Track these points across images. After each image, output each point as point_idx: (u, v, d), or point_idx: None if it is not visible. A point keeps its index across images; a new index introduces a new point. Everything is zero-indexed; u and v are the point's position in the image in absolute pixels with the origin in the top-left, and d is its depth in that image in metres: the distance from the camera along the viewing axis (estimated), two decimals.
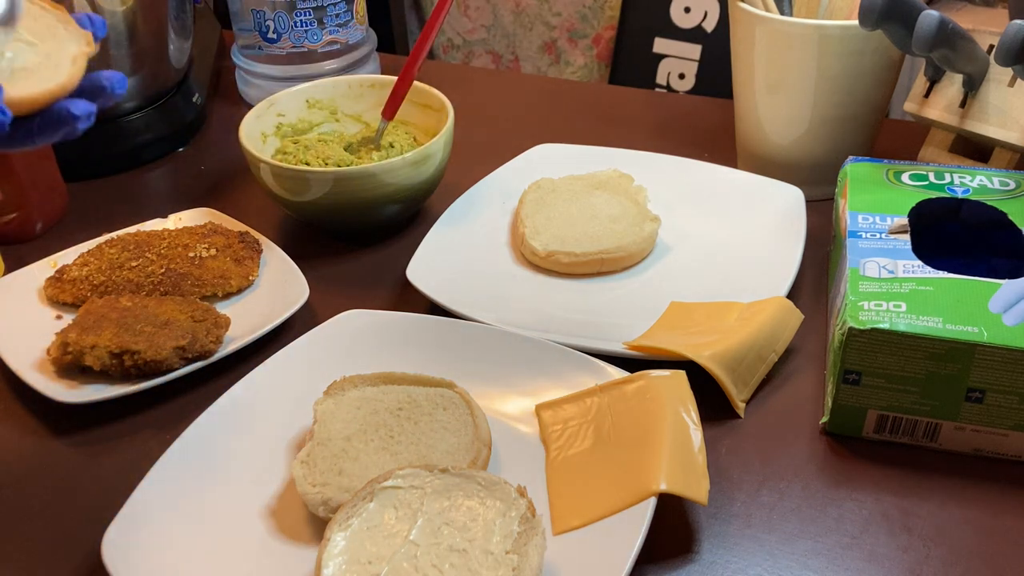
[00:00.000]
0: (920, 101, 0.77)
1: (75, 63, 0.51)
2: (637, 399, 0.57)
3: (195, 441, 0.57)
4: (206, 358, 0.65)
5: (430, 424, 0.58)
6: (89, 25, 0.54)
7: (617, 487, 0.53)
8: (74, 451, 0.61)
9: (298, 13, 0.94)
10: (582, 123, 0.98)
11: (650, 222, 0.76)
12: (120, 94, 0.52)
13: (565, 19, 1.97)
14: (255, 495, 0.56)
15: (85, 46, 0.52)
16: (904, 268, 0.59)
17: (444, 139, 0.77)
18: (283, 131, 0.84)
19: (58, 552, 0.55)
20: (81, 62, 0.51)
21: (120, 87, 0.52)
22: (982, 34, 0.74)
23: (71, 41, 0.52)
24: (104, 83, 0.51)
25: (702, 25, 1.81)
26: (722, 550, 0.54)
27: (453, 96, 0.82)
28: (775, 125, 0.81)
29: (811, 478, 0.58)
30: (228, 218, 0.78)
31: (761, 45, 0.77)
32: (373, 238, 0.80)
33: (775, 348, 0.64)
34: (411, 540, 0.50)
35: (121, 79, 0.52)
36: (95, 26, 0.54)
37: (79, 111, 0.48)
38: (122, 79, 0.52)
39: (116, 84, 0.52)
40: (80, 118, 0.49)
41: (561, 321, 0.69)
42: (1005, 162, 0.74)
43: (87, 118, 0.49)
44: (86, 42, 0.52)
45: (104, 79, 0.51)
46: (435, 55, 2.10)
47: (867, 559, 0.53)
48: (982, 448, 0.58)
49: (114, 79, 0.52)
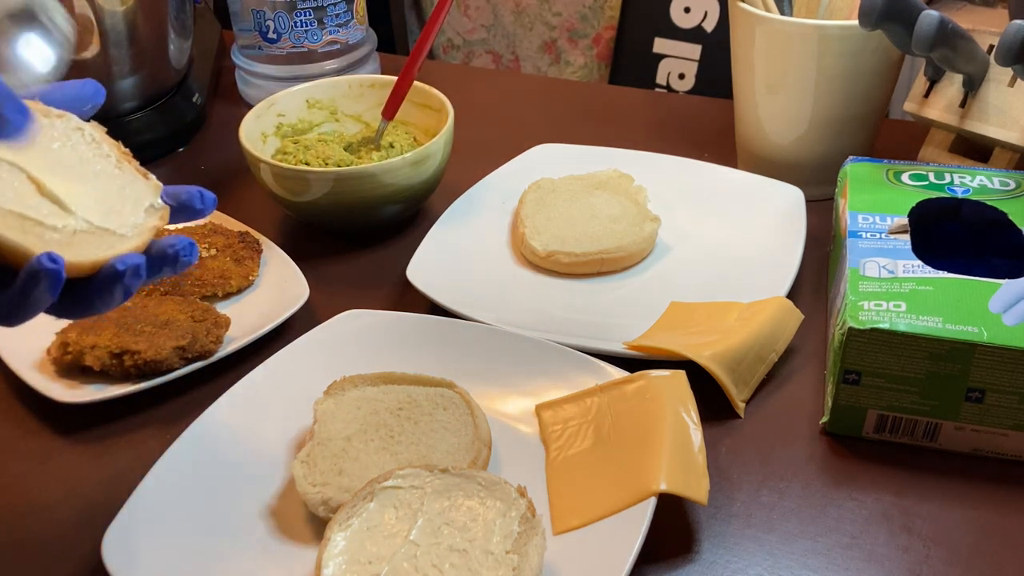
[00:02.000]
0: (920, 101, 0.77)
1: (140, 235, 0.45)
2: (637, 399, 0.57)
3: (195, 441, 0.57)
4: (206, 358, 0.65)
5: (430, 424, 0.58)
6: (195, 201, 0.48)
7: (617, 487, 0.53)
8: (74, 451, 0.61)
9: (298, 13, 0.94)
10: (582, 123, 0.97)
11: (650, 222, 0.76)
12: (189, 261, 0.46)
13: (565, 19, 1.97)
14: (255, 495, 0.56)
15: (157, 219, 0.46)
16: (904, 268, 0.59)
17: (444, 139, 0.77)
18: (283, 131, 0.84)
19: (58, 552, 0.55)
20: (148, 235, 0.45)
21: (187, 255, 0.45)
22: (982, 34, 0.74)
23: (140, 204, 0.46)
24: (168, 251, 0.45)
25: (702, 25, 1.81)
26: (722, 550, 0.54)
27: (453, 96, 0.82)
28: (775, 125, 0.81)
29: (811, 478, 0.58)
30: (228, 218, 0.79)
31: (761, 45, 0.77)
32: (373, 238, 0.80)
33: (775, 348, 0.64)
34: (411, 540, 0.50)
35: (188, 246, 0.45)
36: (202, 203, 0.48)
37: (124, 265, 0.43)
38: (189, 245, 0.45)
39: (182, 251, 0.45)
40: (126, 273, 0.43)
41: (561, 321, 0.69)
42: (1005, 162, 0.74)
43: (135, 273, 0.43)
44: (159, 216, 0.46)
45: (168, 247, 0.45)
46: (435, 55, 2.10)
47: (867, 559, 0.53)
48: (982, 448, 0.58)
49: (179, 245, 0.45)
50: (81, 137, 0.47)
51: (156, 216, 0.47)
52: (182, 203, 0.48)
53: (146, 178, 0.48)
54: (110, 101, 0.88)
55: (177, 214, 0.48)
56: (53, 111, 0.47)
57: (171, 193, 0.48)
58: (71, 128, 0.47)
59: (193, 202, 0.48)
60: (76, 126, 0.48)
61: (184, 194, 0.48)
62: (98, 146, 0.48)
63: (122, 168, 0.48)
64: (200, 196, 0.48)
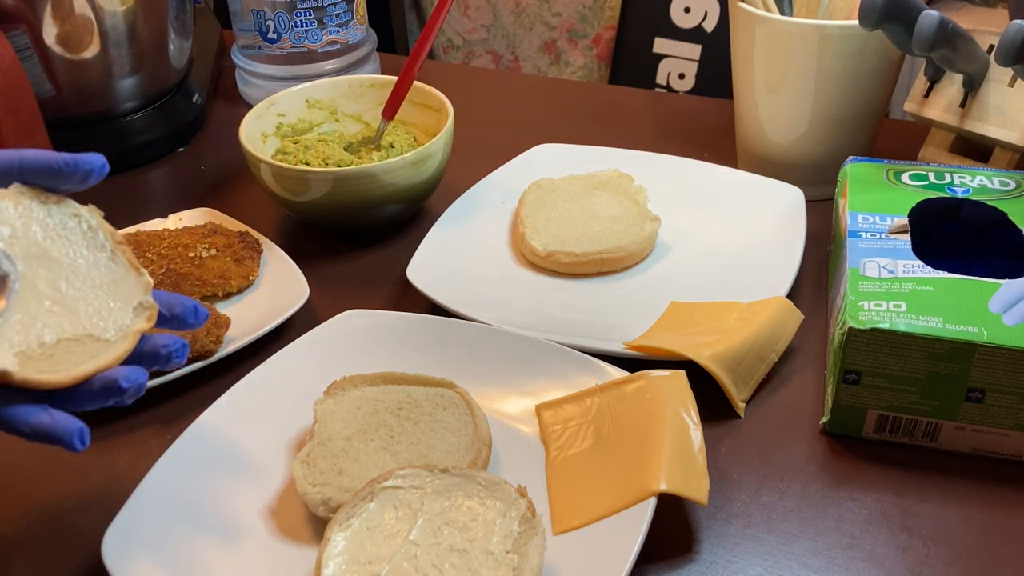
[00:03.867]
0: (920, 101, 0.77)
1: (126, 339, 0.45)
2: (637, 399, 0.57)
3: (195, 441, 0.57)
4: (206, 358, 0.65)
5: (430, 424, 0.58)
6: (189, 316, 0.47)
7: (617, 487, 0.53)
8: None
9: (298, 13, 0.94)
10: (582, 123, 0.97)
11: (650, 222, 0.76)
12: (179, 362, 0.46)
13: (565, 19, 1.97)
14: (255, 495, 0.56)
15: (144, 320, 0.46)
16: (904, 268, 0.59)
17: (444, 139, 0.77)
18: (283, 131, 0.84)
19: (58, 552, 0.55)
20: (133, 340, 0.45)
21: (179, 356, 0.45)
22: (982, 34, 0.74)
23: (129, 302, 0.46)
24: (161, 351, 0.45)
25: (702, 25, 1.81)
26: (722, 550, 0.54)
27: (453, 96, 0.82)
28: (775, 125, 0.81)
29: (811, 478, 0.58)
30: (228, 218, 0.78)
31: (761, 45, 0.77)
32: (373, 238, 0.80)
33: (775, 348, 0.64)
34: (411, 540, 0.50)
35: (182, 348, 0.45)
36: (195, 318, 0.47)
37: (128, 383, 0.43)
38: (183, 348, 0.45)
39: (175, 352, 0.45)
40: (128, 391, 0.43)
41: (561, 321, 0.69)
42: (1005, 162, 0.74)
43: (136, 391, 0.44)
44: (147, 317, 0.46)
45: (161, 347, 0.45)
46: (435, 55, 2.10)
47: (867, 559, 0.53)
48: (982, 448, 0.58)
49: (172, 347, 0.45)
50: (77, 225, 0.47)
51: (144, 317, 0.46)
52: (175, 315, 0.48)
53: (138, 272, 0.48)
54: (111, 101, 0.89)
55: (167, 322, 0.48)
56: (51, 197, 0.47)
57: (164, 302, 0.47)
58: (68, 214, 0.47)
59: (187, 316, 0.48)
60: (73, 212, 0.47)
61: (179, 307, 0.47)
62: (94, 235, 0.47)
63: (116, 260, 0.47)
64: (194, 311, 0.48)
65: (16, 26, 0.80)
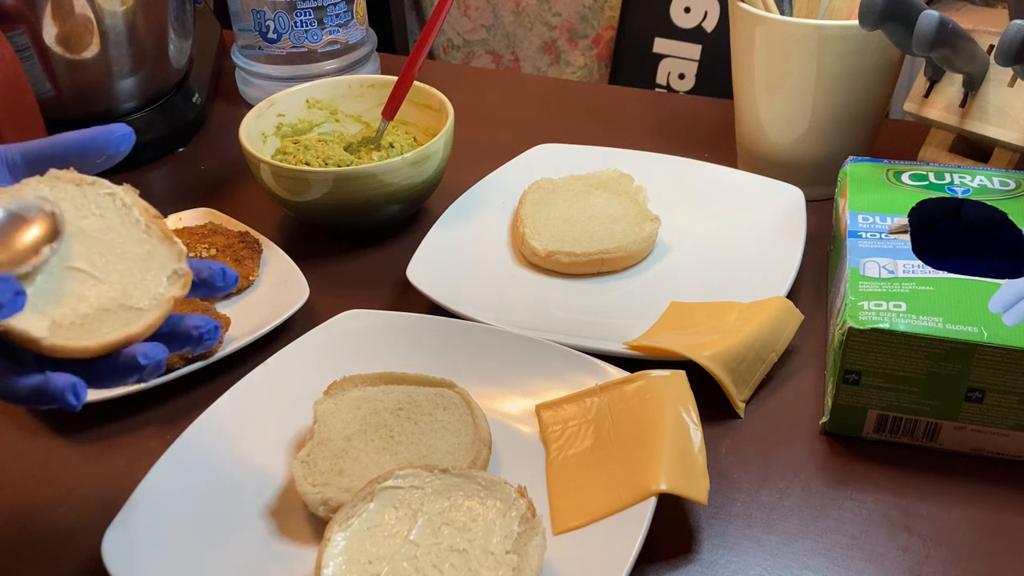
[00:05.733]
0: (920, 101, 0.77)
1: (159, 307, 0.45)
2: (637, 399, 0.57)
3: (195, 441, 0.57)
4: (206, 358, 0.65)
5: (430, 424, 0.58)
6: (217, 279, 0.47)
7: (617, 487, 0.53)
8: (74, 451, 0.61)
9: (298, 13, 0.94)
10: (582, 123, 0.97)
11: (650, 222, 0.76)
12: (211, 344, 0.46)
13: (565, 19, 1.97)
14: (255, 495, 0.56)
15: (179, 288, 0.46)
16: (904, 268, 0.59)
17: (444, 139, 0.77)
18: (283, 131, 0.84)
19: (58, 552, 0.55)
20: (166, 307, 0.45)
21: (211, 338, 0.45)
22: (982, 34, 0.74)
23: (163, 271, 0.46)
24: (192, 332, 0.45)
25: (702, 25, 1.82)
26: (722, 550, 0.54)
27: (453, 96, 0.82)
28: (775, 125, 0.81)
29: (811, 478, 0.58)
30: (228, 218, 0.79)
31: (761, 45, 0.77)
32: (373, 238, 0.80)
33: (775, 348, 0.64)
34: (411, 540, 0.50)
35: (214, 329, 0.45)
36: (223, 281, 0.47)
37: (146, 360, 0.43)
38: (214, 329, 0.45)
39: (207, 334, 0.45)
40: (147, 367, 0.43)
41: (561, 321, 0.69)
42: (1005, 162, 0.74)
43: (155, 368, 0.43)
44: (182, 284, 0.46)
45: (192, 328, 0.45)
46: (435, 55, 2.10)
47: (867, 559, 0.53)
48: (982, 448, 0.58)
49: (204, 328, 0.45)
50: (111, 203, 0.47)
51: (179, 284, 0.46)
52: (203, 279, 0.47)
53: (171, 242, 0.48)
54: (111, 101, 0.89)
55: (197, 288, 0.48)
56: (85, 179, 0.47)
57: (194, 268, 0.47)
58: (102, 194, 0.47)
59: (215, 279, 0.48)
60: (108, 191, 0.48)
61: (207, 271, 0.47)
62: (128, 211, 0.48)
63: (150, 233, 0.48)
64: (222, 273, 0.48)
65: (16, 26, 0.80)
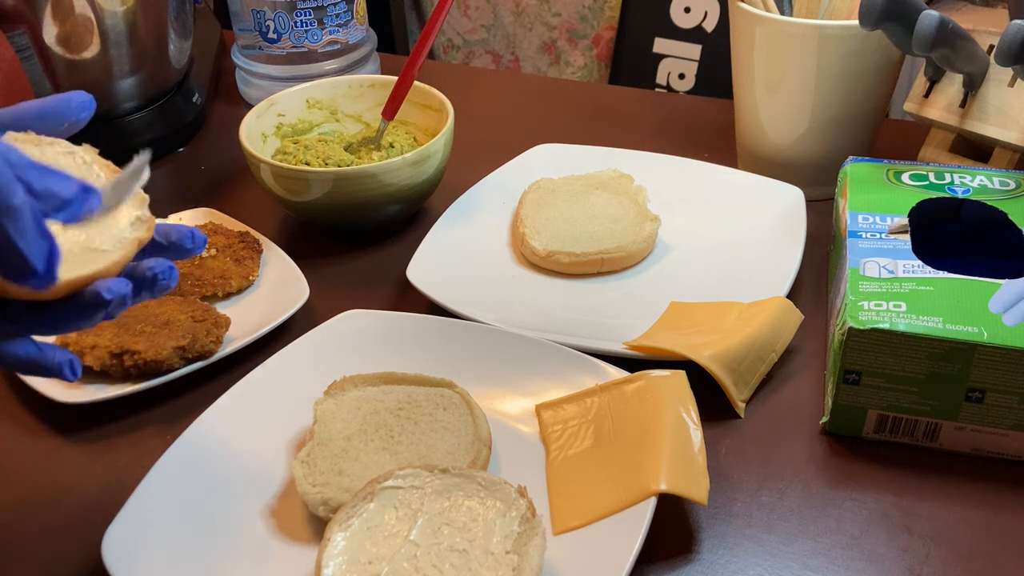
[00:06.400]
0: (920, 101, 0.77)
1: (123, 248, 0.45)
2: (637, 399, 0.57)
3: (195, 441, 0.57)
4: (206, 358, 0.65)
5: (430, 424, 0.58)
6: (186, 240, 0.47)
7: (617, 487, 0.53)
8: (74, 451, 0.61)
9: (298, 13, 0.94)
10: (582, 123, 0.98)
11: (650, 222, 0.76)
12: (167, 285, 0.46)
13: (565, 19, 1.97)
14: (255, 495, 0.56)
15: (143, 231, 0.46)
16: (904, 268, 0.59)
17: (444, 139, 0.77)
18: (283, 131, 0.84)
19: (58, 552, 0.55)
20: (131, 248, 0.45)
21: (166, 278, 0.45)
22: (982, 34, 0.74)
23: (125, 219, 0.46)
24: (147, 273, 0.45)
25: (702, 25, 1.82)
26: (722, 550, 0.54)
27: (453, 96, 0.82)
28: (775, 125, 0.81)
29: (811, 478, 0.58)
30: (228, 218, 0.79)
31: (761, 45, 0.77)
32: (373, 238, 0.80)
33: (775, 348, 0.64)
34: (411, 540, 0.50)
35: (168, 270, 0.45)
36: (192, 243, 0.48)
37: (111, 294, 0.43)
38: (169, 269, 0.45)
39: (161, 274, 0.45)
40: (112, 302, 0.43)
41: (561, 321, 0.69)
42: (1005, 162, 0.74)
43: (120, 301, 0.43)
44: (145, 228, 0.46)
45: (147, 269, 0.45)
46: (435, 55, 2.10)
47: (867, 559, 0.53)
48: (982, 448, 0.58)
49: (158, 269, 0.45)
50: (72, 161, 0.48)
51: (142, 228, 0.46)
52: (172, 242, 0.48)
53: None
54: (111, 101, 0.89)
55: (167, 251, 0.48)
56: (44, 139, 0.47)
57: (162, 232, 0.48)
58: (61, 153, 0.47)
59: (184, 241, 0.48)
60: (67, 151, 0.48)
61: (175, 233, 0.48)
62: (89, 168, 0.48)
63: (100, 175, 0.48)
64: (191, 235, 0.48)
65: (16, 26, 0.80)
